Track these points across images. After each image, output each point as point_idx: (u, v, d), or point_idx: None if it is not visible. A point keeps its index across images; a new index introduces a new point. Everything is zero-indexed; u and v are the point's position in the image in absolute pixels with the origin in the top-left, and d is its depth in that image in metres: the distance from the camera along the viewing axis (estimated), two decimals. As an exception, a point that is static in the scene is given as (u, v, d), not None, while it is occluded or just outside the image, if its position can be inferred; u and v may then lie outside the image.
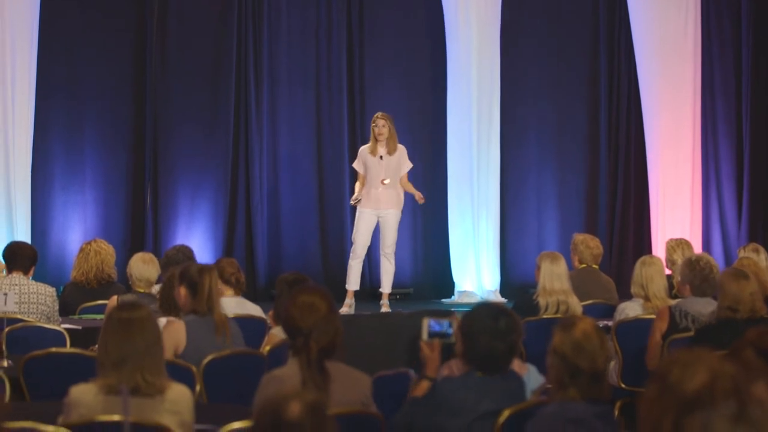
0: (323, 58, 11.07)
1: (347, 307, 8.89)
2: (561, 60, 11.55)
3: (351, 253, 9.18)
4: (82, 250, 7.69)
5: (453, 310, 7.89)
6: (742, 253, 7.93)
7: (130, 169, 10.60)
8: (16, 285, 6.77)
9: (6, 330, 5.89)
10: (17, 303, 6.60)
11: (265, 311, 6.72)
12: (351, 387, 4.13)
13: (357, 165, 9.19)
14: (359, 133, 10.89)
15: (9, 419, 3.62)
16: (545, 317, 6.80)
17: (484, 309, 4.26)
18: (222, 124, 10.74)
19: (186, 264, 5.79)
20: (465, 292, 10.74)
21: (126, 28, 10.60)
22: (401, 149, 9.08)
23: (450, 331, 4.33)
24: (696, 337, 5.75)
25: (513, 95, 11.30)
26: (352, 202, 9.29)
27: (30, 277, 6.95)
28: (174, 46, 10.66)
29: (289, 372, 4.03)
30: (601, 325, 5.26)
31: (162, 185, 10.60)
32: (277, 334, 5.63)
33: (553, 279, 6.97)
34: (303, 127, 10.99)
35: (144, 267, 7.08)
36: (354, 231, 9.19)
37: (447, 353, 4.41)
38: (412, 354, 5.95)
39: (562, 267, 7.02)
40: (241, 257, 10.38)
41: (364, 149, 9.16)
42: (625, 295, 7.43)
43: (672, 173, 11.31)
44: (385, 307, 9.07)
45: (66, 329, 6.36)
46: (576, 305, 6.98)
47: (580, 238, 8.22)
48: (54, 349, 5.48)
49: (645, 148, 11.43)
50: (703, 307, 6.15)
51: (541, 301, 6.94)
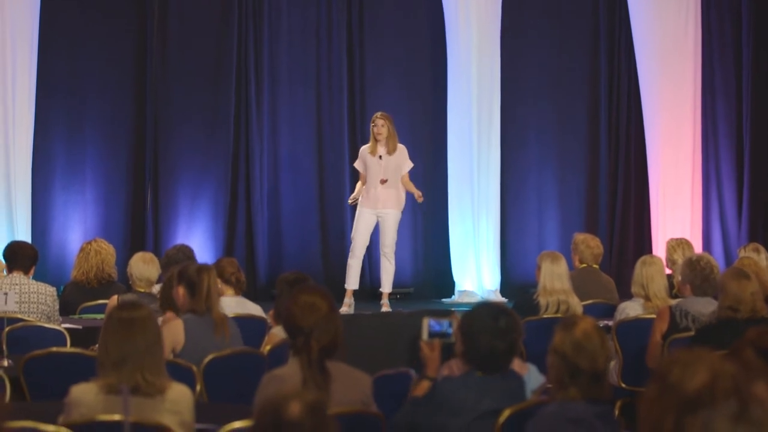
0: (323, 57, 11.06)
1: (347, 307, 8.89)
2: (561, 60, 11.54)
3: (350, 253, 9.19)
4: (82, 249, 7.69)
5: (453, 309, 7.90)
6: (742, 253, 7.93)
7: (130, 169, 10.59)
8: (16, 284, 6.77)
9: (6, 330, 5.89)
10: (18, 302, 6.60)
11: (266, 311, 6.72)
12: (351, 387, 4.13)
13: (358, 165, 9.19)
14: (359, 133, 10.88)
15: (9, 419, 3.61)
16: (546, 317, 6.81)
17: (484, 308, 4.26)
18: (222, 123, 10.73)
19: (184, 263, 5.79)
20: (465, 291, 10.73)
21: (126, 27, 10.59)
22: (401, 149, 9.07)
23: (450, 331, 4.33)
24: (696, 337, 5.75)
25: (513, 95, 11.28)
26: (350, 201, 9.28)
27: (30, 277, 6.95)
28: (174, 45, 10.65)
29: (290, 371, 4.03)
30: (602, 325, 5.25)
31: (162, 185, 10.59)
32: (278, 333, 5.62)
33: (554, 279, 6.97)
34: (303, 127, 10.98)
35: (144, 267, 7.09)
36: (353, 230, 9.19)
37: (447, 353, 4.41)
38: (412, 354, 5.95)
39: (562, 267, 7.02)
40: (242, 257, 10.37)
41: (364, 149, 9.16)
42: (626, 295, 7.43)
43: (672, 173, 11.30)
44: (386, 307, 9.07)
45: (66, 329, 6.37)
46: (576, 305, 6.98)
47: (580, 237, 8.22)
48: (54, 349, 5.48)
49: (645, 147, 11.42)
50: (704, 307, 6.15)
51: (542, 301, 6.94)
